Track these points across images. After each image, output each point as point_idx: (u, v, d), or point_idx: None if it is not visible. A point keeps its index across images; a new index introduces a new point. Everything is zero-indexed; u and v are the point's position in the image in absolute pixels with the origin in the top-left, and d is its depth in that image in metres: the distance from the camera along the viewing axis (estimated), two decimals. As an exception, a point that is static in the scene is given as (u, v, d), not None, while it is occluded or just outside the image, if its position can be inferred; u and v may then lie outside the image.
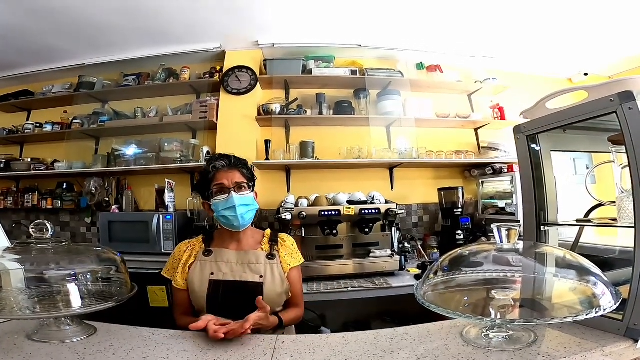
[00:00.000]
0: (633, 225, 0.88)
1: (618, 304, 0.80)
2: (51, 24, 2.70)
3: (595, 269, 0.87)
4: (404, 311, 2.15)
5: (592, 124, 1.05)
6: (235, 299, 1.33)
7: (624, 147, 0.90)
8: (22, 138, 3.49)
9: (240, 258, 1.42)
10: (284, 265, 1.46)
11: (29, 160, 3.38)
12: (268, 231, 1.56)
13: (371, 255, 2.44)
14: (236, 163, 1.48)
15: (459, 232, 2.88)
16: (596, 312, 0.77)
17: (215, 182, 1.43)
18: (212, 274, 1.37)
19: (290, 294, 1.46)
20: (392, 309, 2.52)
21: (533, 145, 1.21)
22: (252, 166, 1.57)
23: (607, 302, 0.80)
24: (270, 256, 1.45)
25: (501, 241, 0.93)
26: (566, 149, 1.50)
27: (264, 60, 3.23)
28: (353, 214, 2.42)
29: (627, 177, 0.90)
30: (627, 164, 0.89)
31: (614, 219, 1.07)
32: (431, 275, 0.99)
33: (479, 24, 2.87)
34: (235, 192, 1.40)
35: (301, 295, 1.55)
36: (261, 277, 1.38)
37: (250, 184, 1.48)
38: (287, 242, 1.54)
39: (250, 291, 1.35)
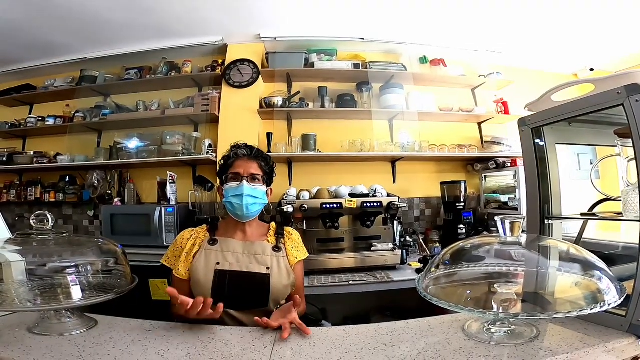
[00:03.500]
0: (639, 218, 0.87)
1: (623, 299, 0.79)
2: (53, 18, 2.69)
3: (601, 263, 0.86)
4: (405, 305, 2.15)
5: (597, 117, 1.04)
6: (241, 289, 1.33)
7: (630, 140, 0.88)
8: (24, 132, 3.50)
9: (247, 248, 1.42)
10: (290, 258, 1.47)
11: (32, 153, 3.38)
12: (273, 224, 1.56)
13: (373, 248, 2.43)
14: (257, 155, 1.50)
15: (461, 226, 2.87)
16: (601, 307, 0.76)
17: (232, 169, 1.46)
18: (218, 263, 1.37)
19: (294, 287, 1.46)
20: (394, 303, 2.52)
21: (538, 139, 1.20)
22: (274, 163, 1.56)
23: (612, 298, 0.79)
24: (277, 248, 1.45)
25: (505, 234, 0.92)
26: (571, 142, 1.49)
27: (266, 54, 3.21)
28: (355, 207, 2.42)
29: (633, 170, 0.89)
30: (633, 157, 0.88)
31: (619, 213, 1.06)
32: (433, 269, 0.99)
33: (484, 18, 2.83)
34: (247, 182, 1.42)
35: (303, 288, 1.56)
36: (268, 268, 1.38)
37: (266, 179, 1.49)
38: (294, 236, 1.55)
39: (256, 282, 1.35)
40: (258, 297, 1.34)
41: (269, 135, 2.96)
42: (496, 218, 0.93)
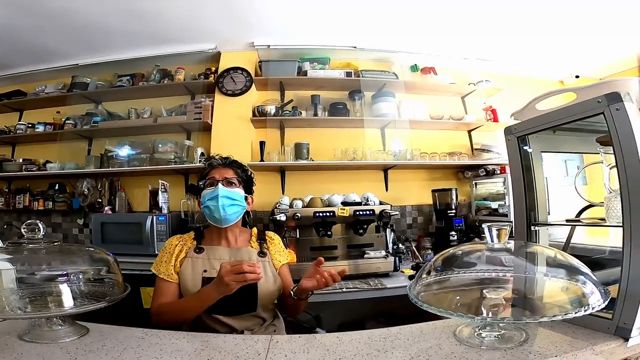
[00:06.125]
0: (621, 224, 0.89)
1: (606, 302, 0.81)
2: (45, 24, 2.69)
3: (585, 268, 0.88)
4: (399, 311, 2.16)
5: (580, 125, 1.06)
6: (230, 296, 1.33)
7: (611, 147, 0.91)
8: (14, 138, 3.46)
9: (233, 255, 1.44)
10: (275, 262, 1.50)
11: (21, 160, 3.35)
12: (255, 229, 1.59)
13: (365, 256, 2.44)
14: (231, 163, 1.52)
15: (453, 233, 2.90)
16: (585, 311, 0.78)
17: (208, 176, 1.48)
18: (205, 271, 1.38)
19: (282, 290, 1.47)
20: (387, 310, 2.52)
21: (524, 147, 1.23)
22: (251, 173, 1.59)
23: (596, 301, 0.81)
24: (262, 254, 1.48)
25: (492, 240, 0.94)
26: (556, 150, 1.52)
27: (259, 62, 3.24)
28: (347, 215, 2.43)
29: (615, 177, 0.91)
30: (614, 164, 0.91)
31: (603, 219, 1.08)
32: (424, 275, 1.00)
33: (473, 27, 2.90)
34: (222, 185, 1.43)
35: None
36: None
37: (244, 185, 1.50)
38: (275, 240, 1.58)
39: (244, 288, 1.34)
40: (247, 303, 1.35)
41: (262, 143, 2.97)
42: (483, 225, 0.95)
